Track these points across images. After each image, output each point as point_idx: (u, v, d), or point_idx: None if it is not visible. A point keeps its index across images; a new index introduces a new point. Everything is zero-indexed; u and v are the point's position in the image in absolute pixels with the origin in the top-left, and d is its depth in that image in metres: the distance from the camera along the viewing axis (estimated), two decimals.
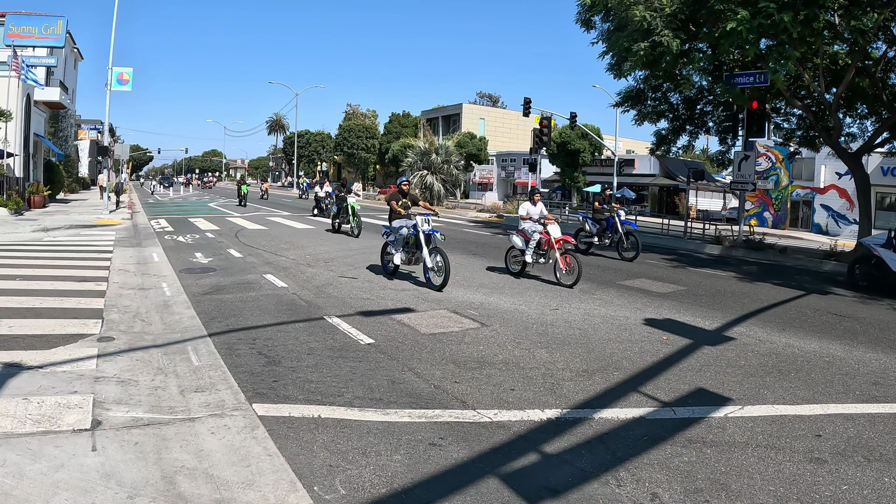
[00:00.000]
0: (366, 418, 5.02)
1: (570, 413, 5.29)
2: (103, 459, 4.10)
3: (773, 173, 38.75)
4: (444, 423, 4.96)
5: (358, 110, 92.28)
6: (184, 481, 3.88)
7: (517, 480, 4.08)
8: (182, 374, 6.05)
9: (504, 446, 4.58)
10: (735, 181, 20.95)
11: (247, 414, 5.05)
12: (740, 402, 5.67)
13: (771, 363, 7.03)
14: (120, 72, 27.11)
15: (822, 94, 18.40)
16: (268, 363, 6.44)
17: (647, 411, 5.39)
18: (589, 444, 4.68)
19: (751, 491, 4.03)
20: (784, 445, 4.76)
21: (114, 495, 3.66)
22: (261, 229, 21.77)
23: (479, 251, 16.92)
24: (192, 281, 11.15)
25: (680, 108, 22.42)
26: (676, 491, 4.01)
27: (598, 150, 49.05)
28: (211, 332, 7.66)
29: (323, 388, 5.71)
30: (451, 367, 6.46)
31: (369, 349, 7.05)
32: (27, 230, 18.29)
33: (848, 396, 6.01)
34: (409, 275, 12.29)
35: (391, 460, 4.29)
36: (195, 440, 4.52)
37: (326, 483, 3.96)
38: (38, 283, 10.02)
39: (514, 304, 9.84)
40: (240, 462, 4.19)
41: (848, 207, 34.76)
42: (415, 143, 47.88)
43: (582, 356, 7.02)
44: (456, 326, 8.22)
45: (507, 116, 74.21)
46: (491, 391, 5.77)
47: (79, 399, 5.20)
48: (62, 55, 38.42)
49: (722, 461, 4.45)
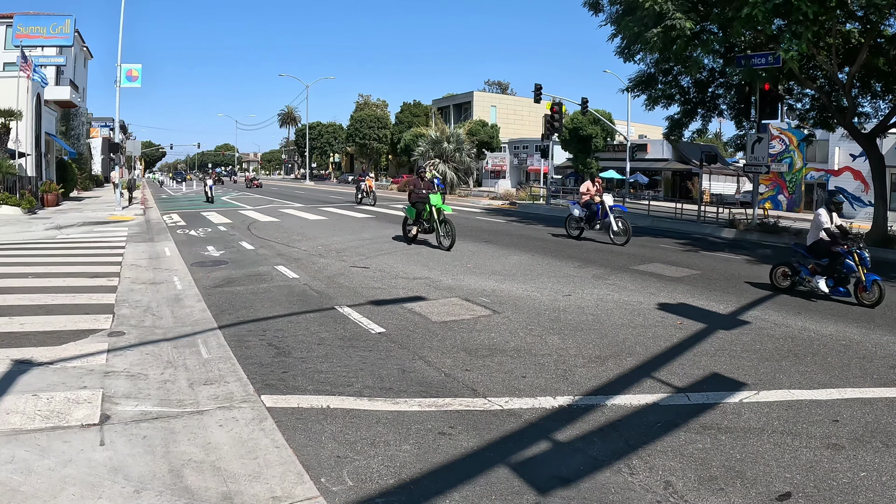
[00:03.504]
0: (375, 408, 4.98)
1: (582, 400, 5.22)
2: (111, 454, 4.09)
3: (788, 156, 38.26)
4: (454, 412, 4.91)
5: (369, 100, 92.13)
6: (191, 474, 3.86)
7: (528, 469, 4.02)
8: (191, 367, 6.03)
9: (515, 434, 4.52)
10: (748, 164, 20.69)
11: (255, 406, 5.02)
12: (756, 388, 5.57)
13: (787, 347, 6.91)
14: (129, 68, 27.19)
15: (835, 74, 18.07)
16: (278, 354, 6.42)
17: (660, 397, 5.31)
18: (601, 432, 4.60)
19: (766, 478, 3.94)
20: (800, 431, 4.65)
21: (121, 489, 3.64)
22: (273, 221, 21.79)
23: (492, 239, 16.83)
24: (204, 274, 11.16)
25: (691, 91, 22.10)
26: (690, 479, 3.93)
27: (610, 136, 48.69)
28: (221, 324, 7.64)
29: (332, 379, 5.67)
30: (462, 355, 6.40)
31: (380, 338, 7.01)
32: (40, 228, 18.40)
33: (865, 380, 5.89)
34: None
35: (400, 450, 4.24)
36: (203, 433, 4.50)
37: (334, 474, 3.92)
38: (50, 280, 10.04)
39: (526, 290, 9.77)
40: (247, 454, 4.15)
41: (863, 189, 34.27)
42: (426, 132, 47.65)
43: (595, 342, 6.94)
44: (467, 314, 8.16)
45: (518, 103, 73.81)
46: (502, 379, 5.71)
47: (88, 394, 5.21)
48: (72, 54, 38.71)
49: (737, 448, 4.35)
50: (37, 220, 20.67)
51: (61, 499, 3.57)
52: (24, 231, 17.49)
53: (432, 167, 42.08)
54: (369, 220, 22.08)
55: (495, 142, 59.36)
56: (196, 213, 25.50)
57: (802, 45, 14.59)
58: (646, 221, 23.92)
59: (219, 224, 20.83)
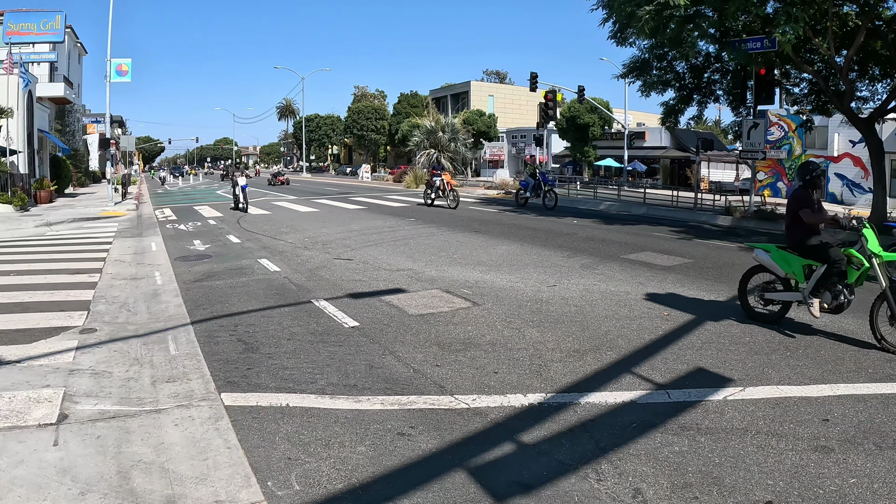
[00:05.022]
0: (336, 406, 4.78)
1: (554, 398, 4.96)
2: (63, 454, 4.00)
3: (786, 143, 37.88)
4: (417, 411, 4.69)
5: (366, 91, 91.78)
6: (138, 476, 3.75)
7: (487, 474, 3.78)
8: (157, 364, 5.89)
9: (478, 436, 4.28)
10: (745, 149, 20.39)
11: (213, 404, 4.86)
12: (742, 383, 5.26)
13: (777, 339, 6.58)
14: (119, 63, 26.93)
15: (832, 58, 17.74)
16: (245, 350, 6.22)
17: (638, 395, 5.03)
18: (571, 433, 4.34)
19: (746, 485, 3.66)
20: (787, 432, 4.35)
21: (66, 491, 3.54)
22: (264, 214, 21.58)
23: (481, 229, 16.58)
24: (186, 269, 10.98)
25: (686, 76, 21.75)
26: (663, 486, 3.66)
27: (607, 124, 48.36)
28: (194, 319, 7.48)
29: (297, 375, 5.47)
30: (435, 349, 6.19)
31: (352, 332, 6.80)
32: (30, 226, 18.21)
33: (860, 375, 5.54)
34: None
35: (354, 452, 4.03)
36: (157, 432, 4.38)
37: (281, 478, 3.73)
38: (31, 277, 9.89)
39: (510, 281, 9.54)
40: (198, 455, 4.02)
41: (863, 176, 33.83)
42: (421, 122, 47.38)
43: (575, 335, 6.70)
44: (446, 306, 7.94)
45: (516, 93, 73.39)
46: (472, 375, 5.48)
47: (49, 393, 5.11)
48: (65, 50, 38.46)
49: (717, 451, 4.08)
50: (27, 218, 20.48)
51: (7, 501, 3.50)
52: (14, 229, 17.29)
53: (429, 156, 41.85)
54: (360, 212, 21.86)
55: (493, 131, 59.02)
56: (188, 208, 25.28)
57: (798, 29, 14.30)
58: (641, 210, 23.66)
59: (209, 218, 20.62)
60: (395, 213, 21.19)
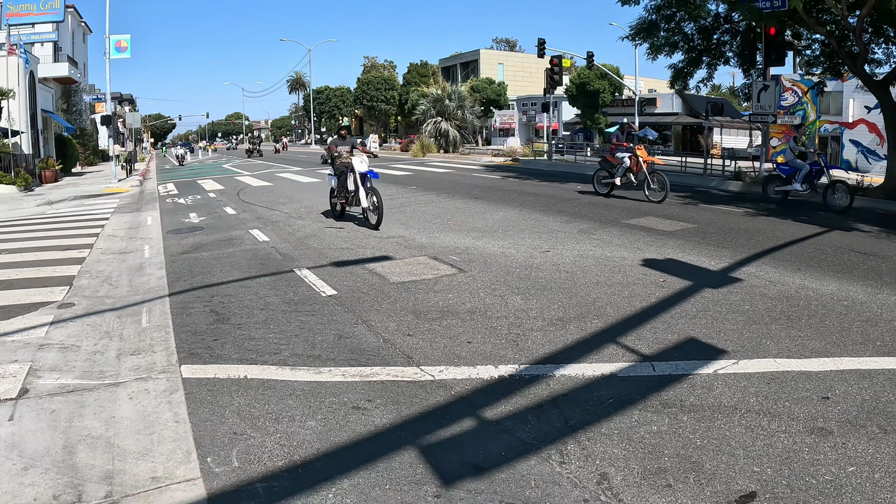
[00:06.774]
0: (295, 378, 4.55)
1: (527, 370, 4.63)
2: (15, 429, 3.93)
3: (800, 108, 36.94)
4: (377, 383, 4.44)
5: (376, 62, 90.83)
6: (83, 451, 3.65)
7: (439, 454, 3.50)
8: (127, 337, 5.78)
9: (438, 410, 4.01)
10: (755, 113, 19.77)
11: (171, 377, 4.71)
12: (736, 356, 4.84)
13: (779, 308, 6.09)
14: (117, 39, 26.64)
15: (845, 18, 17.02)
16: (216, 321, 6.03)
17: (620, 367, 4.65)
18: (539, 409, 4.01)
19: (729, 472, 3.26)
20: (780, 411, 3.91)
21: (11, 466, 3.48)
22: (266, 186, 21.37)
23: (481, 195, 16.21)
24: (176, 241, 10.84)
25: (695, 38, 21.05)
26: (633, 470, 3.29)
27: (618, 90, 47.47)
28: (172, 291, 7.34)
29: (262, 346, 5.26)
30: (410, 317, 5.93)
31: (328, 301, 6.57)
32: (32, 205, 18.11)
33: (866, 348, 5.04)
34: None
35: (303, 427, 3.81)
36: (111, 406, 4.27)
37: (222, 454, 3.52)
38: (21, 255, 9.78)
39: (501, 247, 9.23)
40: (145, 430, 3.88)
41: (878, 143, 32.93)
42: (427, 91, 46.86)
43: (561, 302, 6.38)
44: (430, 274, 7.67)
45: (526, 60, 72.19)
46: (444, 345, 5.20)
47: (16, 368, 5.06)
48: (68, 30, 38.14)
49: (699, 432, 3.68)
50: (30, 197, 20.38)
51: None
52: (15, 209, 17.18)
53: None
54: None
55: (503, 99, 58.18)
56: (191, 182, 25.11)
57: None
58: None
59: (210, 191, 20.45)
60: (398, 182, 20.85)
